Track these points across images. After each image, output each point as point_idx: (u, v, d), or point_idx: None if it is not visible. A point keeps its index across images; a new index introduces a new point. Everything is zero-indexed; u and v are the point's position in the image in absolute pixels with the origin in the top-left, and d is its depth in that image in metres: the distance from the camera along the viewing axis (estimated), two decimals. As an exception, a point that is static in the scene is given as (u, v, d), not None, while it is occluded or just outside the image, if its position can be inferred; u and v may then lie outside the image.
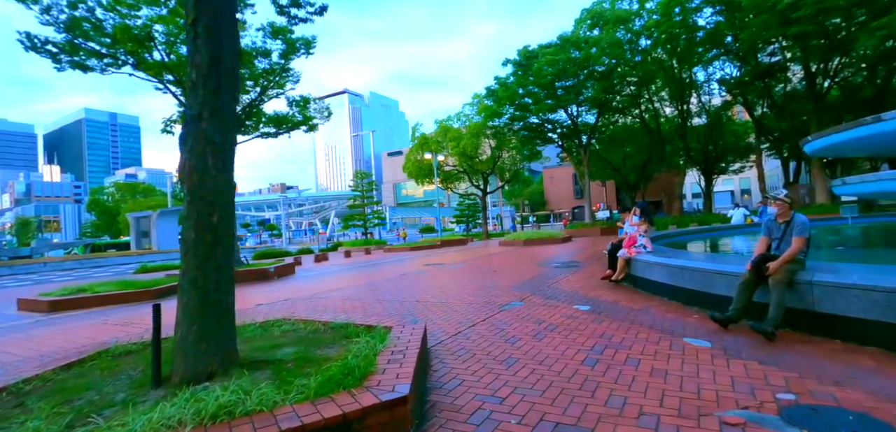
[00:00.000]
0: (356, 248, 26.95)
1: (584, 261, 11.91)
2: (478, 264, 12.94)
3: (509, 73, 28.60)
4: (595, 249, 15.64)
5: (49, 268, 29.89)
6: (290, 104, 15.94)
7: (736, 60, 29.57)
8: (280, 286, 11.02)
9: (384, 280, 10.54)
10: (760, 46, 27.45)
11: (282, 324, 4.77)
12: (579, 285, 7.71)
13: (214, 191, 3.21)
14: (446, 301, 6.97)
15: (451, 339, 4.62)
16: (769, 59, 27.96)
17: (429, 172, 34.65)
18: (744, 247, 13.17)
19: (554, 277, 8.92)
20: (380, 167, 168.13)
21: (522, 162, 38.06)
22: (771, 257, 4.26)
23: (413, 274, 11.40)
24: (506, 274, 10.01)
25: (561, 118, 31.77)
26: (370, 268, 14.88)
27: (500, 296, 7.02)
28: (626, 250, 7.15)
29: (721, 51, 28.94)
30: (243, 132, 15.38)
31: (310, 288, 10.09)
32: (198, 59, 3.17)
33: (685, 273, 5.51)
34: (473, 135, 32.66)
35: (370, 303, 7.25)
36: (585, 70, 26.30)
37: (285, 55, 13.21)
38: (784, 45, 26.28)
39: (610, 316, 5.29)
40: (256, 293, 10.01)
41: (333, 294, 8.65)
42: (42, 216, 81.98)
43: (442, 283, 9.11)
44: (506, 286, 8.10)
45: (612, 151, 39.07)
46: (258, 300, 8.64)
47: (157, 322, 3.25)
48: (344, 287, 9.72)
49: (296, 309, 7.09)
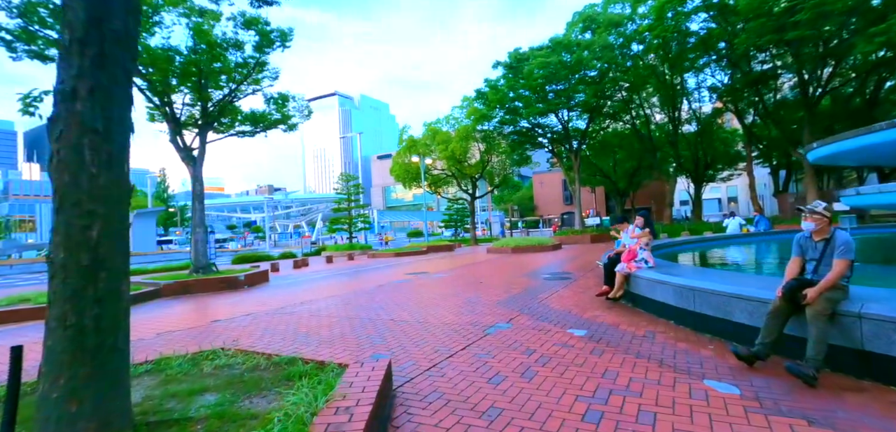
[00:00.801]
0: (339, 253, 26.00)
1: (576, 272, 11.20)
2: (463, 274, 12.16)
3: (499, 75, 27.95)
4: (586, 258, 14.97)
5: (15, 271, 28.43)
6: (267, 101, 15.03)
7: (727, 67, 29.35)
8: (248, 296, 10.13)
9: (361, 291, 9.71)
10: (753, 54, 27.25)
11: (217, 356, 3.93)
12: (573, 302, 6.97)
13: (93, 196, 2.37)
14: (424, 320, 6.17)
15: (423, 376, 3.82)
16: (761, 67, 27.75)
17: (416, 176, 33.84)
18: (741, 258, 12.60)
19: (544, 291, 8.17)
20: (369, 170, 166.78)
21: (512, 166, 37.44)
22: (807, 283, 3.54)
23: (393, 284, 10.58)
24: (492, 286, 9.24)
25: (551, 123, 31.19)
26: (350, 276, 14.02)
27: (485, 315, 6.25)
28: (626, 265, 6.42)
29: (713, 57, 28.69)
30: (216, 130, 14.44)
31: (279, 299, 9.22)
32: (70, 16, 2.35)
33: (697, 295, 4.78)
34: (462, 138, 31.95)
35: (338, 320, 6.42)
36: (577, 74, 25.75)
37: (259, 48, 12.34)
38: (776, 52, 26.09)
39: (610, 344, 4.54)
40: (220, 305, 9.10)
41: (302, 307, 7.80)
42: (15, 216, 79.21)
43: (422, 297, 8.31)
44: (491, 302, 7.33)
45: (602, 157, 38.71)
46: (218, 314, 7.76)
47: (16, 368, 2.40)
48: (316, 299, 8.87)
49: (254, 328, 6.24)
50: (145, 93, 12.48)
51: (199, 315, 7.85)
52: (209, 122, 13.16)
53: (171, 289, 10.93)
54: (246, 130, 15.17)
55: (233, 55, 12.23)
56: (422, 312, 6.77)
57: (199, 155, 13.04)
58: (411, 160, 33.22)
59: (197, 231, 12.73)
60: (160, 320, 7.45)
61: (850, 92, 28.88)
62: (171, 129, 12.68)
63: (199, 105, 12.93)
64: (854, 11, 18.17)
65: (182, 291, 11.02)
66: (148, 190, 58.47)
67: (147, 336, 6.20)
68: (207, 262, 12.80)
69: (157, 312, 8.45)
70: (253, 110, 14.90)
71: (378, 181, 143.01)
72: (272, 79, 14.73)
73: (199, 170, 12.94)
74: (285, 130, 16.18)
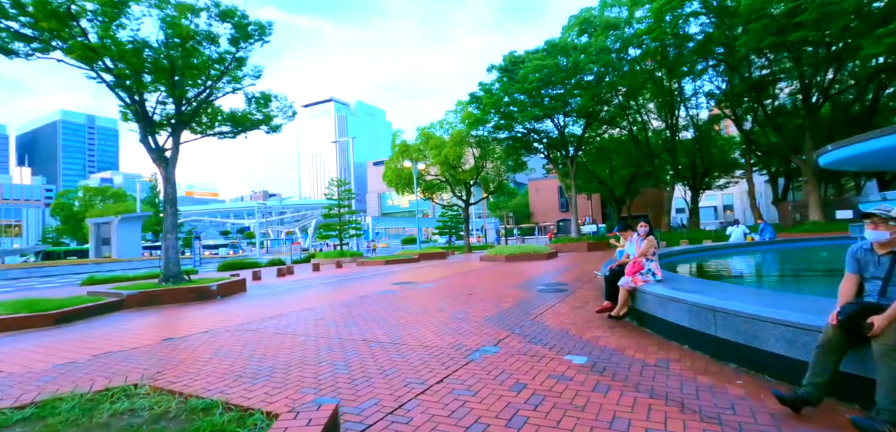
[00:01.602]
0: (328, 261, 25.14)
1: (573, 283, 10.43)
2: (452, 284, 11.37)
3: (494, 79, 27.35)
4: (583, 268, 14.22)
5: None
6: (248, 101, 14.23)
7: (726, 73, 28.86)
8: (217, 309, 9.29)
9: (339, 303, 8.89)
10: (751, 58, 26.79)
11: (124, 396, 3.12)
12: (570, 320, 6.19)
13: None
14: (400, 341, 5.38)
15: (384, 423, 3.03)
16: (760, 73, 27.27)
17: (409, 182, 33.07)
18: (746, 268, 11.89)
19: (538, 306, 7.39)
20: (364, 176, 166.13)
21: (507, 173, 36.76)
22: (871, 308, 2.78)
23: (375, 296, 9.77)
24: (482, 299, 8.45)
25: (547, 128, 30.62)
26: (333, 285, 13.19)
27: (470, 336, 5.46)
28: (631, 279, 5.66)
29: (711, 62, 28.21)
30: (192, 131, 13.63)
31: (248, 312, 8.39)
32: None
33: (719, 317, 4.02)
34: (456, 143, 31.23)
35: (302, 341, 5.61)
36: (573, 78, 25.17)
37: (235, 42, 11.56)
38: (774, 57, 25.61)
39: (617, 376, 3.76)
40: (183, 319, 8.27)
41: (268, 323, 6.99)
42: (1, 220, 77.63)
43: (403, 312, 7.51)
44: (479, 318, 6.54)
45: (599, 164, 38.12)
46: (175, 330, 6.94)
47: None
48: (288, 312, 8.05)
49: (204, 350, 5.44)
50: (114, 90, 11.67)
51: (154, 331, 7.02)
52: (183, 122, 12.35)
53: (135, 300, 10.07)
54: (225, 131, 14.36)
55: (207, 49, 11.43)
56: (399, 331, 5.97)
57: (171, 156, 12.21)
58: (404, 165, 32.46)
59: (168, 237, 11.88)
60: (108, 337, 6.61)
61: (850, 99, 28.42)
62: (141, 128, 11.86)
63: (173, 103, 12.12)
64: (858, 12, 17.65)
65: (147, 302, 10.17)
66: (137, 194, 57.33)
67: (81, 358, 5.37)
68: (179, 271, 11.94)
69: (111, 327, 7.60)
70: (233, 110, 14.10)
71: (374, 187, 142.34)
72: (254, 78, 13.95)
73: (171, 172, 12.11)
74: (268, 132, 15.36)
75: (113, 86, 11.33)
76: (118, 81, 11.28)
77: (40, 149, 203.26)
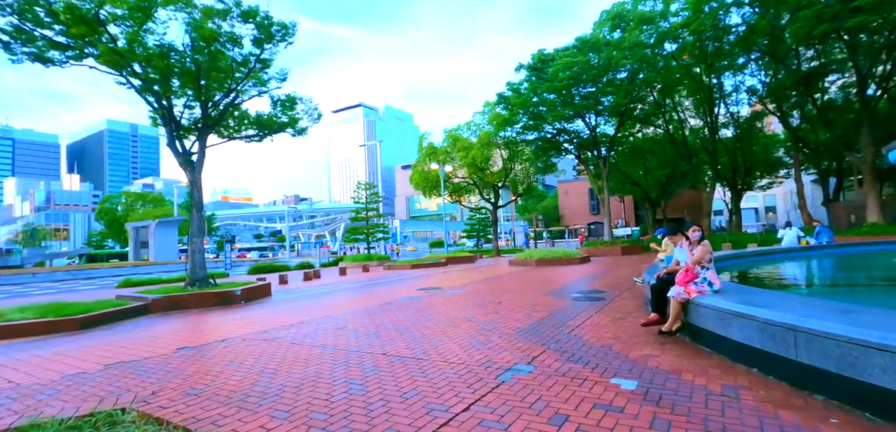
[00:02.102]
0: (354, 265, 25.03)
1: (610, 289, 9.72)
2: (480, 291, 10.84)
3: (523, 78, 26.64)
4: (619, 273, 13.42)
5: (38, 279, 28.65)
6: (274, 104, 14.16)
7: (770, 66, 27.15)
8: (239, 314, 9.09)
9: (362, 310, 8.52)
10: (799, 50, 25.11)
11: (108, 423, 2.77)
12: (612, 333, 5.56)
13: None
14: (423, 355, 4.91)
15: (399, 464, 2.55)
16: (809, 65, 25.47)
17: (436, 184, 32.68)
18: (808, 275, 10.83)
19: (575, 316, 6.79)
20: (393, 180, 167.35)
21: (536, 175, 35.87)
22: None
23: (400, 303, 9.36)
24: (512, 308, 7.89)
25: (578, 128, 29.62)
26: (357, 290, 12.89)
27: (500, 352, 4.93)
28: (683, 289, 4.99)
29: (754, 55, 26.61)
30: (218, 134, 13.64)
31: (269, 319, 8.14)
32: None
33: (801, 338, 3.35)
34: (484, 145, 30.66)
35: (318, 354, 5.22)
36: (605, 76, 24.20)
37: (259, 43, 11.43)
38: (824, 48, 23.87)
39: (677, 408, 3.16)
40: (203, 325, 8.09)
41: (287, 332, 6.67)
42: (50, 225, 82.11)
43: (428, 321, 7.04)
44: (510, 330, 6.00)
45: (632, 165, 36.75)
46: (192, 338, 6.71)
47: None
48: (309, 320, 7.74)
49: (217, 360, 5.15)
50: (143, 95, 11.75)
51: (172, 339, 6.80)
52: (209, 125, 12.33)
53: (159, 305, 10.02)
54: (251, 134, 14.34)
55: (231, 52, 11.35)
56: (423, 343, 5.50)
57: (198, 160, 12.21)
58: (430, 168, 32.11)
59: (194, 241, 11.85)
60: (124, 345, 6.44)
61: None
62: (168, 133, 11.89)
63: (199, 107, 12.11)
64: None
65: (171, 307, 10.10)
66: (174, 199, 59.30)
67: (92, 368, 5.15)
68: (205, 275, 11.88)
69: (131, 334, 7.47)
70: (259, 113, 14.06)
71: (402, 191, 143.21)
72: (280, 81, 13.88)
73: (197, 176, 12.10)
74: (294, 134, 15.27)
75: (141, 90, 11.40)
76: (145, 86, 11.34)
77: (88, 157, 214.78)
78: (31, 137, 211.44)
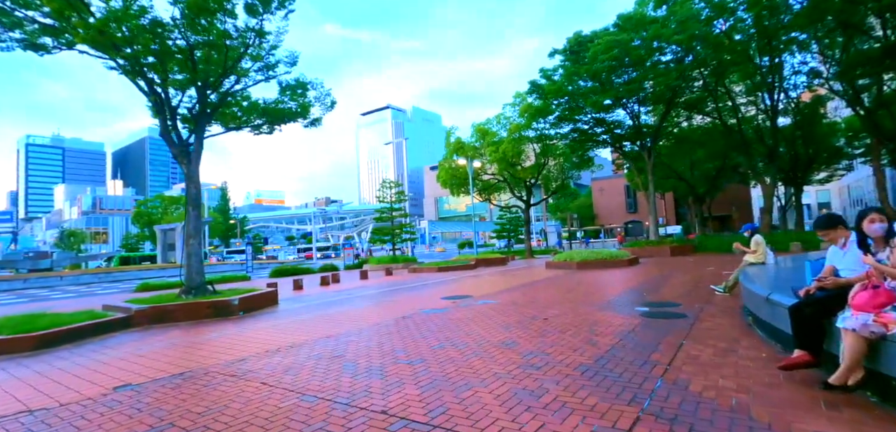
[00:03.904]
0: (378, 267, 23.53)
1: (684, 301, 7.68)
2: (518, 300, 8.97)
3: (557, 64, 24.49)
4: (680, 278, 11.27)
5: (65, 282, 28.55)
6: (282, 90, 12.73)
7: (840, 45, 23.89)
8: (230, 331, 7.58)
9: (372, 328, 6.83)
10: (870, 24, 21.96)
11: None
12: (734, 382, 3.62)
13: None
14: (443, 418, 3.13)
15: None
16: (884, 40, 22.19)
17: (464, 182, 30.86)
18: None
19: (658, 345, 4.86)
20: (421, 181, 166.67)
21: (570, 170, 33.50)
22: None
23: (420, 317, 7.62)
24: (564, 328, 6.01)
25: (618, 117, 27.18)
26: (374, 299, 11.26)
27: (565, 414, 3.09)
28: (870, 317, 3.00)
29: (819, 32, 23.49)
30: (222, 123, 12.32)
31: (260, 338, 6.58)
32: None
33: None
34: (515, 138, 28.63)
35: (290, 406, 3.53)
36: (651, 58, 21.80)
37: (253, 11, 9.95)
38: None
39: None
40: (178, 347, 6.60)
41: (269, 361, 5.05)
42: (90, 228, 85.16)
43: (453, 348, 5.25)
44: (569, 368, 4.15)
45: (677, 157, 33.84)
46: (155, 367, 5.18)
47: None
48: (304, 341, 6.12)
49: (164, 402, 3.55)
50: (135, 81, 10.47)
51: (124, 368, 5.29)
52: (206, 113, 10.97)
53: (144, 317, 8.65)
54: (259, 124, 12.97)
55: (224, 24, 9.90)
56: (444, 391, 3.73)
57: (194, 151, 10.86)
58: (458, 164, 30.32)
59: (190, 242, 10.49)
60: (58, 378, 4.97)
61: None
62: (162, 121, 10.59)
63: (195, 91, 10.77)
64: None
65: (158, 319, 8.72)
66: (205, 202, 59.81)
67: (9, 411, 3.69)
68: (203, 281, 10.50)
69: (87, 356, 6.05)
70: (265, 100, 12.65)
71: (430, 192, 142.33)
72: (289, 64, 12.43)
73: (194, 169, 10.75)
74: (307, 125, 13.82)
75: (130, 73, 10.11)
76: (133, 66, 10.03)
77: (131, 164, 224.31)
78: (79, 146, 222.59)
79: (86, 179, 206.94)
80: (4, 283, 26.61)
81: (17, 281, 28.34)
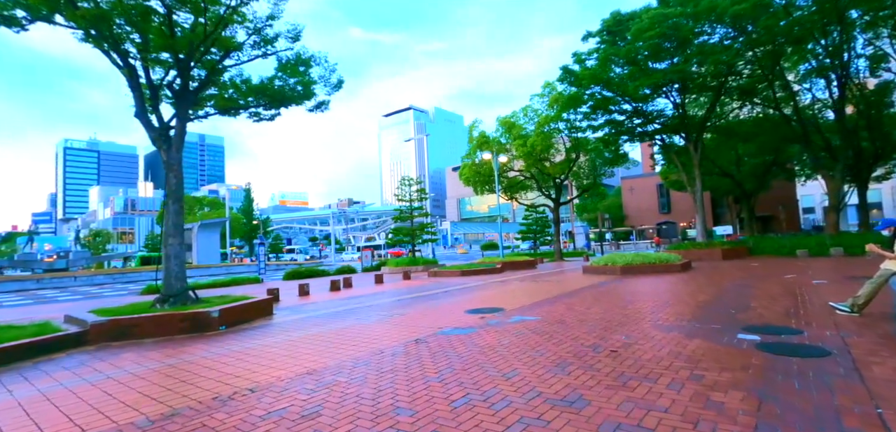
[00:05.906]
0: (395, 270, 21.78)
1: (797, 319, 5.54)
2: (565, 319, 6.97)
3: (592, 47, 22.28)
4: (770, 287, 9.03)
5: (79, 282, 27.92)
6: (281, 66, 11.08)
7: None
8: (194, 355, 5.89)
9: (373, 357, 4.98)
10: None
11: None
12: None
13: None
14: None
15: None
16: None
17: (488, 178, 28.84)
18: None
19: (822, 416, 2.82)
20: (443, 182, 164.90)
21: (603, 166, 31.02)
22: None
23: (438, 342, 5.73)
24: (649, 367, 4.00)
25: (659, 107, 24.72)
26: (386, 311, 9.43)
27: None
28: None
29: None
30: (216, 105, 10.74)
31: (228, 370, 4.84)
32: None
33: None
34: (544, 130, 26.46)
35: None
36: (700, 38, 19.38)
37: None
38: None
39: None
40: (107, 384, 4.92)
41: (214, 418, 3.24)
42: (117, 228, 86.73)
43: (483, 407, 3.34)
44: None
45: (723, 151, 30.96)
46: (47, 418, 3.46)
47: None
48: (277, 379, 4.33)
49: None
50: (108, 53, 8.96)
51: (8, 421, 3.58)
52: (189, 91, 9.37)
53: (101, 332, 7.06)
54: (257, 107, 11.35)
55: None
56: None
57: (176, 135, 9.28)
58: (482, 158, 28.32)
59: (169, 242, 8.92)
60: None
61: None
62: (137, 99, 9.04)
63: (176, 65, 9.19)
64: None
65: (117, 335, 7.12)
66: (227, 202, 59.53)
67: None
68: (184, 288, 8.91)
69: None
70: (261, 79, 11.03)
71: (452, 193, 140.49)
72: (291, 39, 10.80)
73: (174, 156, 9.17)
74: (312, 109, 12.16)
75: (95, 41, 8.58)
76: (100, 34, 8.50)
77: (161, 166, 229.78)
78: (113, 149, 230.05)
79: (120, 181, 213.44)
80: (15, 284, 26.07)
81: (31, 281, 27.84)
